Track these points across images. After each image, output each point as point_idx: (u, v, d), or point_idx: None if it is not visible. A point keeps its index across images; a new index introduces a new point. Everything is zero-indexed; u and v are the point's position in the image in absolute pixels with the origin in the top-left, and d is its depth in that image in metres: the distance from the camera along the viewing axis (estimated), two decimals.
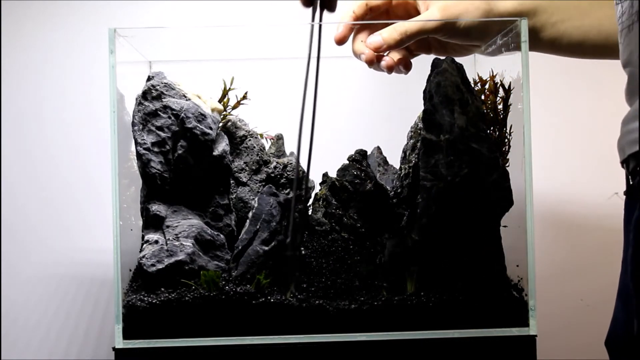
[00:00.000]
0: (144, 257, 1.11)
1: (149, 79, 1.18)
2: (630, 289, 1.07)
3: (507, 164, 1.19)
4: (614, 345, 1.19)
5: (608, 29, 1.20)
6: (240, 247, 1.15)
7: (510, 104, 1.19)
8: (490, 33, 1.17)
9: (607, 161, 1.52)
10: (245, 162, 1.32)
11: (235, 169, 1.31)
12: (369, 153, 1.43)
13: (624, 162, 1.10)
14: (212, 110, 1.21)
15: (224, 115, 1.30)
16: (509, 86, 1.19)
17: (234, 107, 1.32)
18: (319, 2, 1.13)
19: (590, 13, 1.21)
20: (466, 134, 1.14)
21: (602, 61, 1.25)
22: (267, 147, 1.37)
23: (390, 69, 1.17)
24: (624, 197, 1.16)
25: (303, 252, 1.19)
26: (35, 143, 1.59)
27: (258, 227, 1.15)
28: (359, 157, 1.40)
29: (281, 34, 1.34)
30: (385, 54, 1.15)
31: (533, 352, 1.09)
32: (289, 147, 1.40)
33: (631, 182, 1.12)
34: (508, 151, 1.20)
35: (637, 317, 1.06)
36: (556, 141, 1.68)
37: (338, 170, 1.41)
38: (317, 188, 1.41)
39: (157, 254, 1.11)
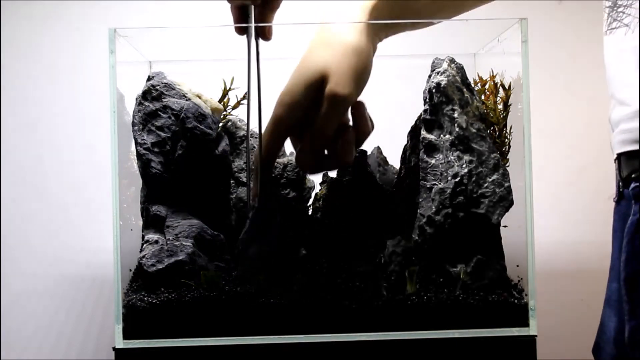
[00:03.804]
0: (144, 257, 1.11)
1: (149, 79, 1.18)
2: (622, 295, 1.07)
3: (507, 164, 1.19)
4: (602, 353, 1.19)
5: None
6: (240, 247, 1.15)
7: (510, 104, 1.19)
8: None
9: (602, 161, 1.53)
10: (245, 162, 1.32)
11: (235, 169, 1.31)
12: (369, 153, 1.43)
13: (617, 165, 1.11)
14: (212, 110, 1.21)
15: (224, 115, 1.30)
16: (509, 86, 1.19)
17: (234, 107, 1.32)
18: (253, 30, 1.15)
19: None
20: (466, 134, 1.14)
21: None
22: None
23: None
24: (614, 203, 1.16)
25: (303, 252, 1.19)
26: (34, 143, 1.59)
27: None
28: (359, 157, 1.40)
29: (281, 33, 1.33)
30: None
31: (533, 352, 1.09)
32: (289, 147, 1.39)
33: (621, 189, 1.13)
34: (508, 151, 1.20)
35: (629, 322, 1.06)
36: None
37: (338, 170, 1.41)
38: (317, 188, 1.41)
39: (157, 254, 1.11)
